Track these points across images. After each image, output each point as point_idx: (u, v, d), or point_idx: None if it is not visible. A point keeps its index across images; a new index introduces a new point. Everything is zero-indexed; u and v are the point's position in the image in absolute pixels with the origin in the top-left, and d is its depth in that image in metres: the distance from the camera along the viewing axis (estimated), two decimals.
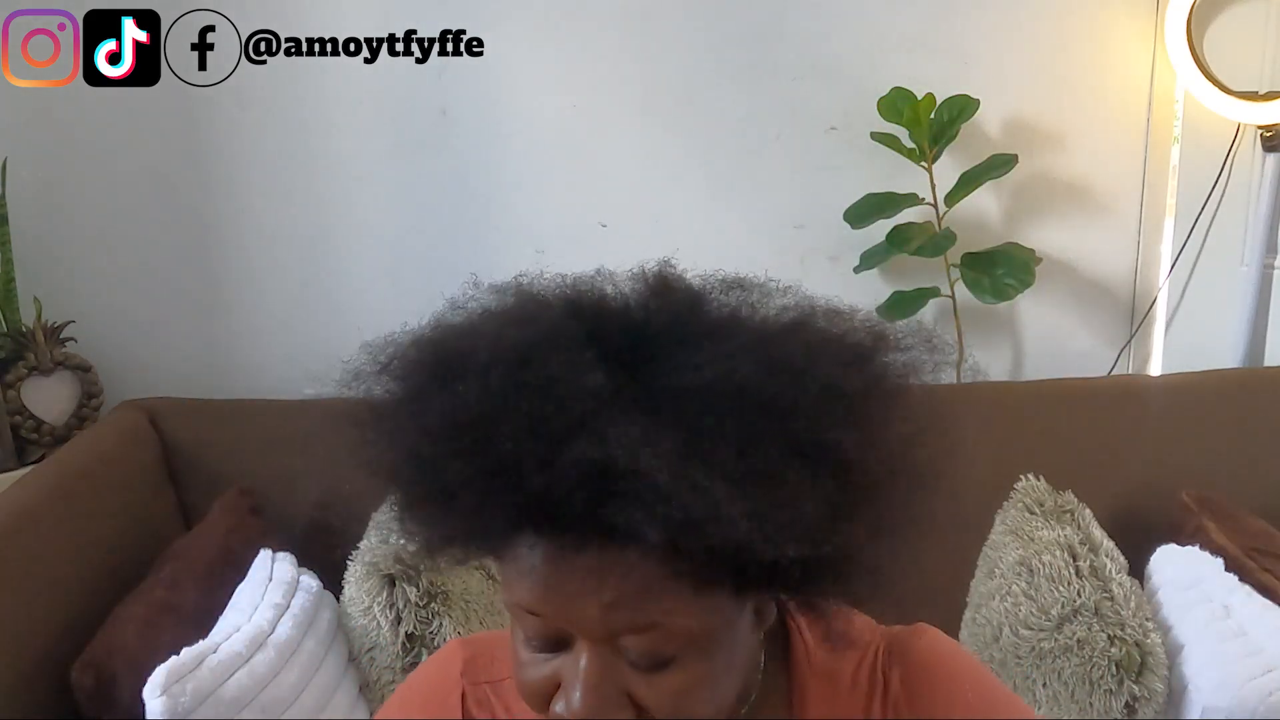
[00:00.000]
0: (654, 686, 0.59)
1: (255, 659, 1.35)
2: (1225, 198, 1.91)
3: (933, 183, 1.86)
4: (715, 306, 0.64)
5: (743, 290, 0.66)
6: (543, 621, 0.60)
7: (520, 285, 0.67)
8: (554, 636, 0.61)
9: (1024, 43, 1.92)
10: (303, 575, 1.55)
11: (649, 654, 0.59)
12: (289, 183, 1.98)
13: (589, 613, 0.58)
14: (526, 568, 0.58)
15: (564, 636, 0.60)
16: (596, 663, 0.59)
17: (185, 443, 1.83)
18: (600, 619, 0.58)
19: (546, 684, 0.62)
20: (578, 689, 0.59)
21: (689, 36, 1.93)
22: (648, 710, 0.60)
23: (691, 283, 0.67)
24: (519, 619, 0.62)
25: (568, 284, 0.67)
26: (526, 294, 0.66)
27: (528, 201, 1.99)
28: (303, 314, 2.04)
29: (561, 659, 0.61)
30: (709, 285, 0.66)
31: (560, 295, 0.66)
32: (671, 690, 0.59)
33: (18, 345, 1.88)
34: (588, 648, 0.59)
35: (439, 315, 0.67)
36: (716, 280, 0.67)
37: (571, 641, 0.60)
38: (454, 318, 0.66)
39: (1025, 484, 1.66)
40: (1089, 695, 1.42)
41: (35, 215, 1.94)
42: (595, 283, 0.67)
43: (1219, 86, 1.80)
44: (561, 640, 0.61)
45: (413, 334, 0.65)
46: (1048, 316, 2.03)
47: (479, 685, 0.76)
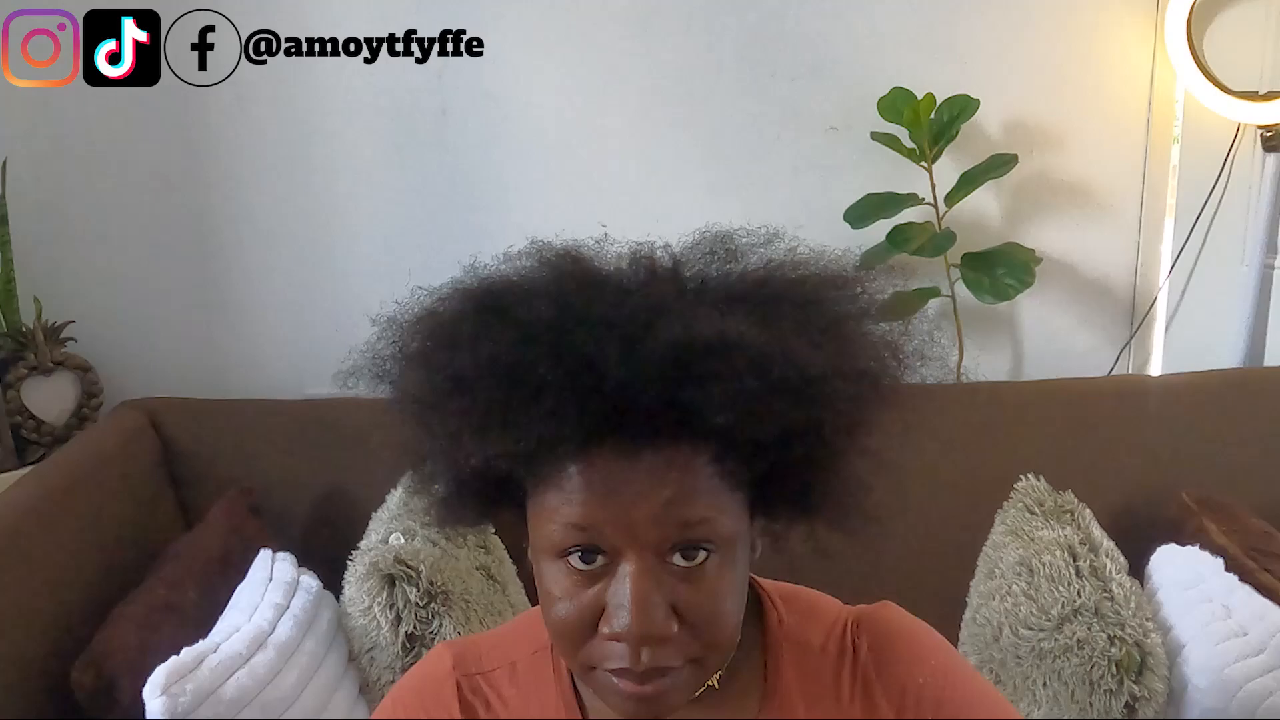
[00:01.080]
0: (694, 593, 0.64)
1: (255, 659, 1.35)
2: (1225, 198, 1.91)
3: (933, 183, 1.86)
4: (723, 253, 0.72)
5: (731, 241, 0.73)
6: (590, 537, 0.63)
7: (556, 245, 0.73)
8: (600, 555, 0.64)
9: (1024, 43, 1.92)
10: (303, 575, 1.55)
11: (694, 548, 0.64)
12: (289, 183, 1.99)
13: (651, 511, 0.62)
14: (581, 483, 0.62)
15: (609, 555, 0.64)
16: (645, 576, 0.63)
17: (185, 443, 1.84)
18: (661, 516, 0.62)
19: (589, 612, 0.64)
20: (627, 604, 0.62)
21: (689, 36, 1.93)
22: (686, 616, 0.64)
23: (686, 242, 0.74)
24: (561, 543, 0.64)
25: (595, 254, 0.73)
26: (565, 254, 0.72)
27: (527, 201, 1.99)
28: (303, 314, 2.04)
29: (601, 584, 0.64)
30: (699, 239, 0.74)
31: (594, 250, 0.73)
32: (708, 594, 0.64)
33: (18, 345, 1.88)
34: (635, 562, 0.63)
35: (470, 272, 0.71)
36: (708, 235, 0.74)
37: (615, 561, 0.64)
38: (491, 271, 0.71)
39: (1025, 484, 1.66)
40: (1089, 695, 1.42)
41: (35, 215, 1.94)
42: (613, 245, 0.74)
43: (1219, 86, 1.80)
44: (604, 562, 0.64)
45: (453, 284, 0.70)
46: (1048, 316, 2.03)
47: (471, 676, 0.78)
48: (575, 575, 0.65)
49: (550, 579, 0.66)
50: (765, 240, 0.72)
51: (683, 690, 0.66)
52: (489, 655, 0.80)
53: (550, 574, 0.66)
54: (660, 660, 0.63)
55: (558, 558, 0.65)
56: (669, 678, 0.64)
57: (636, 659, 0.63)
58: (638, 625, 0.62)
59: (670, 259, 0.70)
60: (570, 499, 0.63)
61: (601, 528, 0.63)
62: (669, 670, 0.64)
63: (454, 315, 0.66)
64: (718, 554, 0.65)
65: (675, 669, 0.64)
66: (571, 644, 0.66)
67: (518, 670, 0.78)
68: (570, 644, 0.66)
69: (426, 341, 0.67)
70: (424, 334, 0.68)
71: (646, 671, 0.64)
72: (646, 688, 0.64)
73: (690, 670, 0.65)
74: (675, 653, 0.64)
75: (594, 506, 0.62)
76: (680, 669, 0.65)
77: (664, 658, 0.64)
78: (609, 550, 0.64)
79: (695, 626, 0.64)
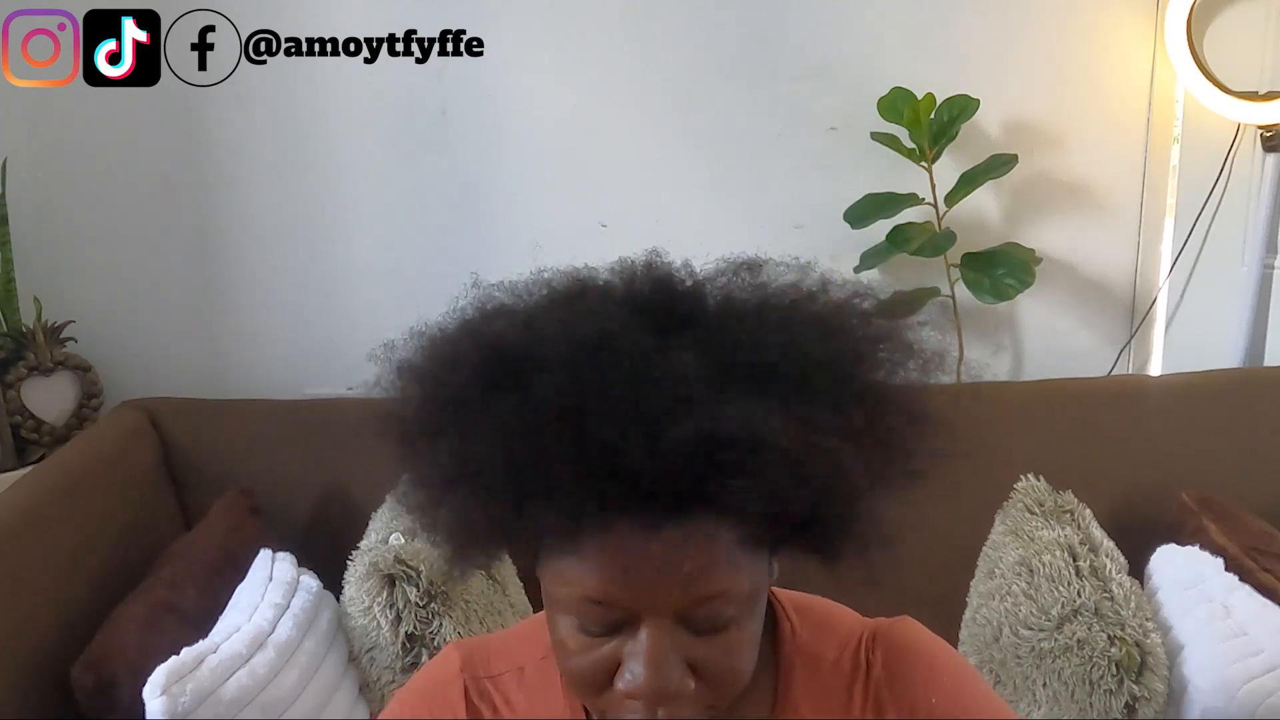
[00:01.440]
0: (711, 650, 0.63)
1: (255, 659, 1.35)
2: (1225, 198, 1.91)
3: (933, 183, 1.86)
4: (740, 284, 0.69)
5: (752, 271, 0.70)
6: (607, 610, 0.62)
7: (573, 274, 0.70)
8: (616, 620, 0.62)
9: (1024, 43, 1.92)
10: (303, 575, 1.55)
11: (712, 619, 0.62)
12: (289, 183, 1.98)
13: (668, 589, 0.60)
14: (599, 558, 0.60)
15: (626, 618, 0.62)
16: (662, 637, 0.61)
17: (185, 443, 1.83)
18: (679, 593, 0.60)
19: (604, 666, 0.63)
20: (643, 664, 0.61)
21: (689, 37, 1.93)
22: (704, 674, 0.63)
23: (710, 268, 0.70)
24: (576, 609, 0.63)
25: (615, 276, 0.70)
26: (579, 282, 0.69)
27: (527, 201, 1.99)
28: (303, 314, 2.04)
29: (619, 640, 0.63)
30: (722, 268, 0.70)
31: (615, 280, 0.69)
32: (725, 650, 0.63)
33: (18, 345, 1.88)
34: (652, 623, 0.61)
35: (478, 306, 0.68)
36: (728, 263, 0.71)
37: (633, 621, 0.62)
38: (500, 310, 0.68)
39: (1025, 484, 1.66)
40: (1089, 695, 1.42)
41: (35, 215, 1.94)
42: (632, 269, 0.70)
43: (1219, 86, 1.80)
44: (622, 622, 0.62)
45: (461, 327, 0.67)
46: (1048, 316, 2.03)
47: (479, 679, 0.78)
48: (591, 631, 0.63)
49: (564, 631, 0.64)
50: (796, 272, 0.69)
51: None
52: (497, 659, 0.79)
53: (564, 626, 0.64)
54: (676, 714, 0.63)
55: (574, 624, 0.64)
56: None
57: (653, 714, 0.62)
58: (654, 685, 0.61)
59: (691, 306, 0.66)
60: (587, 570, 0.61)
61: (619, 600, 0.61)
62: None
63: (463, 390, 0.62)
64: (737, 618, 0.63)
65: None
66: (586, 694, 0.65)
67: (525, 675, 0.77)
68: (584, 694, 0.65)
69: (435, 418, 0.64)
70: (432, 408, 0.64)
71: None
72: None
73: (706, 716, 0.65)
74: (691, 707, 0.63)
75: (611, 581, 0.60)
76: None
77: (680, 712, 0.63)
78: (625, 614, 0.62)
79: (712, 682, 0.63)
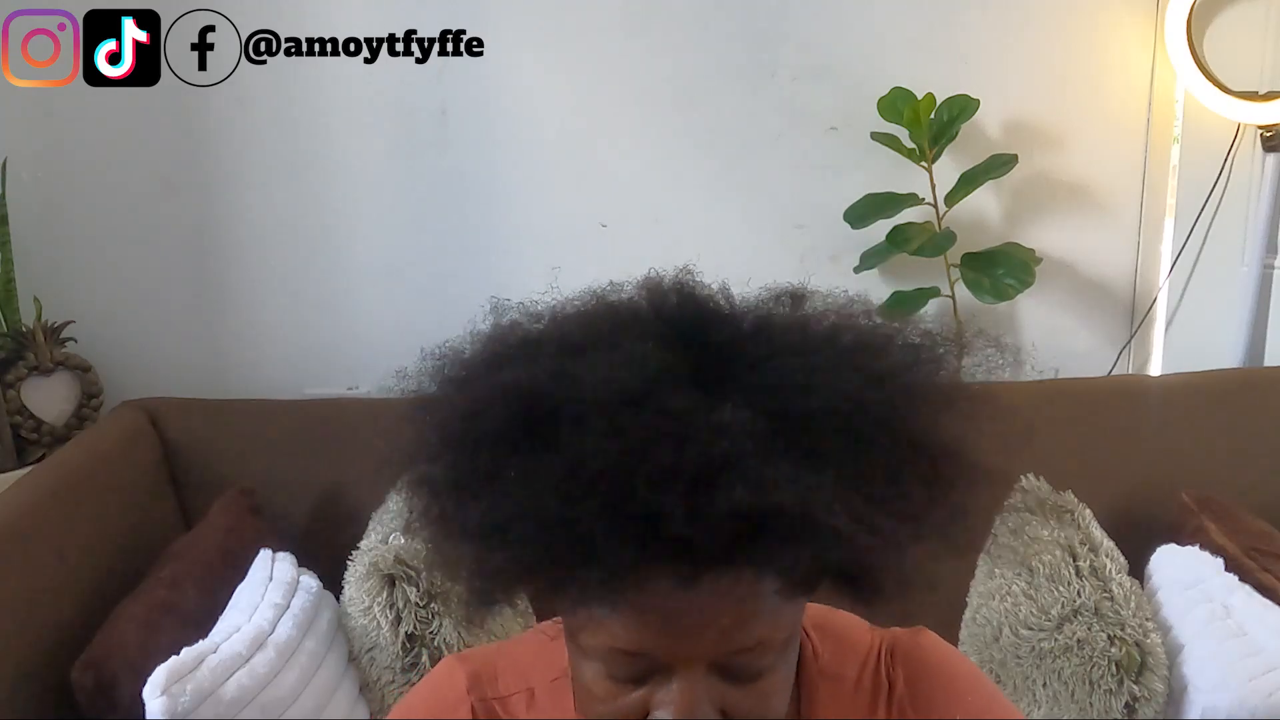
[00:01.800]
0: (746, 697, 0.61)
1: (255, 659, 1.35)
2: (1225, 198, 1.91)
3: (933, 183, 1.86)
4: (781, 318, 0.65)
5: (795, 301, 0.67)
6: (638, 661, 0.59)
7: (599, 298, 0.67)
8: (647, 669, 0.60)
9: (1024, 43, 1.92)
10: (303, 575, 1.55)
11: (748, 668, 0.60)
12: (289, 183, 1.98)
13: (704, 641, 0.58)
14: (633, 610, 0.57)
15: (658, 667, 0.60)
16: (695, 687, 0.59)
17: (185, 443, 1.83)
18: (715, 644, 0.58)
19: (632, 715, 0.61)
20: (675, 715, 0.59)
21: (689, 37, 1.92)
22: (734, 715, 0.61)
23: (750, 296, 0.67)
24: (605, 658, 0.60)
25: (645, 302, 0.66)
26: (609, 309, 0.65)
27: (528, 202, 1.99)
28: (303, 314, 2.04)
29: (648, 688, 0.60)
30: (763, 296, 0.67)
31: (644, 306, 0.65)
32: (759, 695, 0.61)
33: (18, 345, 1.88)
34: (685, 673, 0.59)
35: (500, 338, 0.65)
36: (768, 291, 0.68)
37: (665, 670, 0.60)
38: (526, 344, 0.64)
39: (1025, 484, 1.66)
40: (1089, 695, 1.42)
41: (35, 215, 1.94)
42: (661, 292, 0.66)
43: (1219, 86, 1.80)
44: (653, 670, 0.60)
45: (487, 370, 0.63)
46: (1048, 316, 2.03)
47: (487, 701, 0.75)
48: (619, 678, 0.61)
49: (590, 676, 0.62)
50: (842, 304, 0.66)
51: None
52: (505, 678, 0.76)
53: (590, 672, 0.62)
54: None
55: (602, 670, 0.61)
56: None
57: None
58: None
59: (729, 342, 0.62)
60: (620, 622, 0.58)
61: (653, 651, 0.59)
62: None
63: (494, 446, 0.58)
64: (772, 665, 0.62)
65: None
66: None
67: (535, 698, 0.75)
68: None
69: (464, 475, 0.60)
70: (461, 465, 0.60)
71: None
72: None
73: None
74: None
75: (646, 632, 0.58)
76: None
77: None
78: (655, 664, 0.60)
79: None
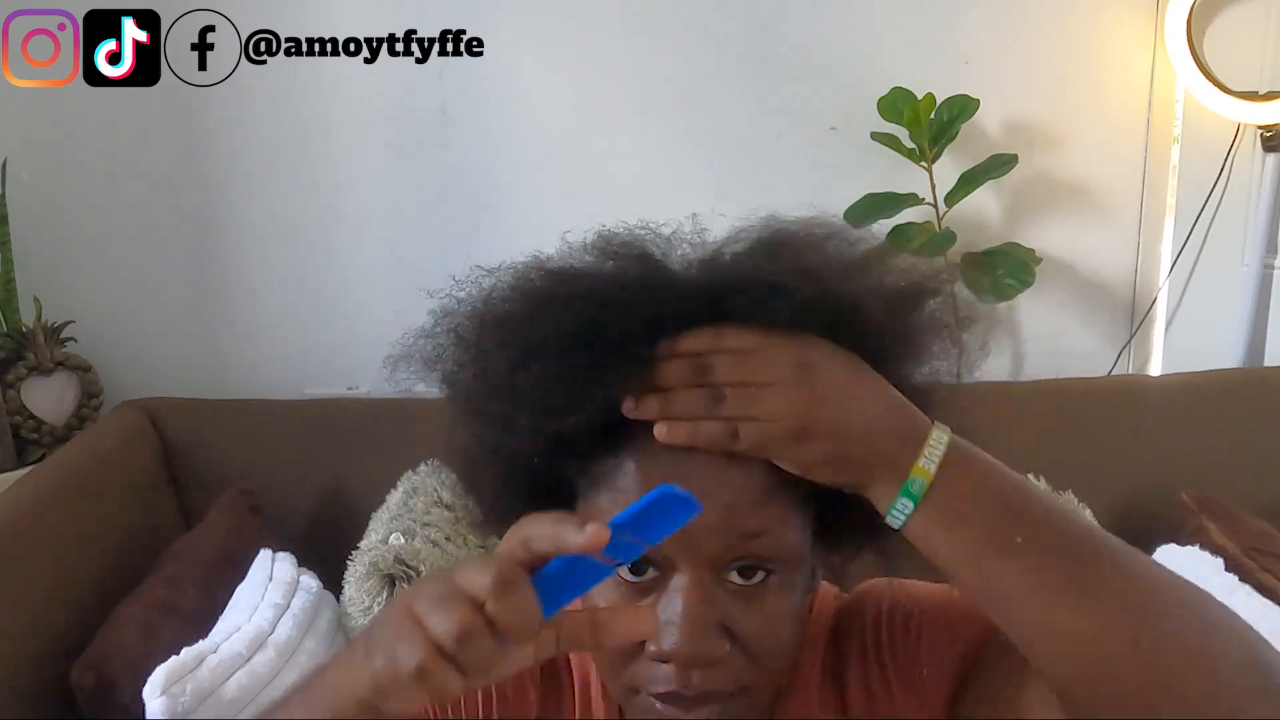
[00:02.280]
0: (748, 611, 0.61)
1: (255, 659, 1.35)
2: (1225, 198, 1.91)
3: (933, 183, 1.86)
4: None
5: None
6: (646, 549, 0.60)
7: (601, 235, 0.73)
8: (650, 565, 0.61)
9: (1024, 43, 1.92)
10: (303, 575, 1.55)
11: (752, 566, 0.61)
12: (289, 183, 1.98)
13: (710, 517, 0.58)
14: (638, 479, 0.60)
15: (661, 568, 0.61)
16: (699, 591, 0.60)
17: (185, 443, 1.83)
18: (720, 524, 0.59)
19: None
20: (677, 621, 0.59)
21: (689, 37, 1.92)
22: (740, 637, 0.61)
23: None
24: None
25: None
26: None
27: (527, 201, 1.99)
28: (303, 314, 2.04)
29: (650, 599, 0.61)
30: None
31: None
32: (765, 614, 0.61)
33: (18, 345, 1.88)
34: (688, 576, 0.60)
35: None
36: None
37: (667, 575, 0.61)
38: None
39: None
40: None
41: (35, 215, 1.94)
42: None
43: (1219, 86, 1.80)
44: (655, 575, 0.61)
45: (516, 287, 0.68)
46: (1048, 316, 2.03)
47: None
48: (623, 588, 0.61)
49: (596, 593, 0.62)
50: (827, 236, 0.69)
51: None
52: None
53: (598, 589, 0.61)
54: (710, 684, 0.60)
55: None
56: (717, 706, 0.61)
57: (686, 681, 0.59)
58: (688, 644, 0.59)
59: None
60: (624, 498, 0.60)
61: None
62: (718, 697, 0.61)
63: (521, 290, 0.65)
64: (778, 575, 0.62)
65: (725, 696, 0.61)
66: (615, 665, 0.63)
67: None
68: (614, 665, 0.63)
69: (494, 317, 0.65)
70: (489, 314, 0.66)
71: (696, 697, 0.60)
72: (695, 714, 0.60)
73: (740, 702, 0.62)
74: (726, 677, 0.60)
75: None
76: (730, 698, 0.61)
77: (714, 681, 0.60)
78: (661, 562, 0.61)
79: (748, 649, 0.61)
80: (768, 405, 0.59)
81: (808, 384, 0.59)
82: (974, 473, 0.61)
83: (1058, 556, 0.59)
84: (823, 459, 0.59)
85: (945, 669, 0.68)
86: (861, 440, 0.60)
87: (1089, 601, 0.57)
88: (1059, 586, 0.58)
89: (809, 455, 0.59)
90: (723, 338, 0.60)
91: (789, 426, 0.58)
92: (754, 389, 0.59)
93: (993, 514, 0.60)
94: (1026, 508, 0.60)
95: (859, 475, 0.60)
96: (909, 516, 0.59)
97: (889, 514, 0.60)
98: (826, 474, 0.60)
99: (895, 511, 0.60)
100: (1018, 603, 0.59)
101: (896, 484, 0.59)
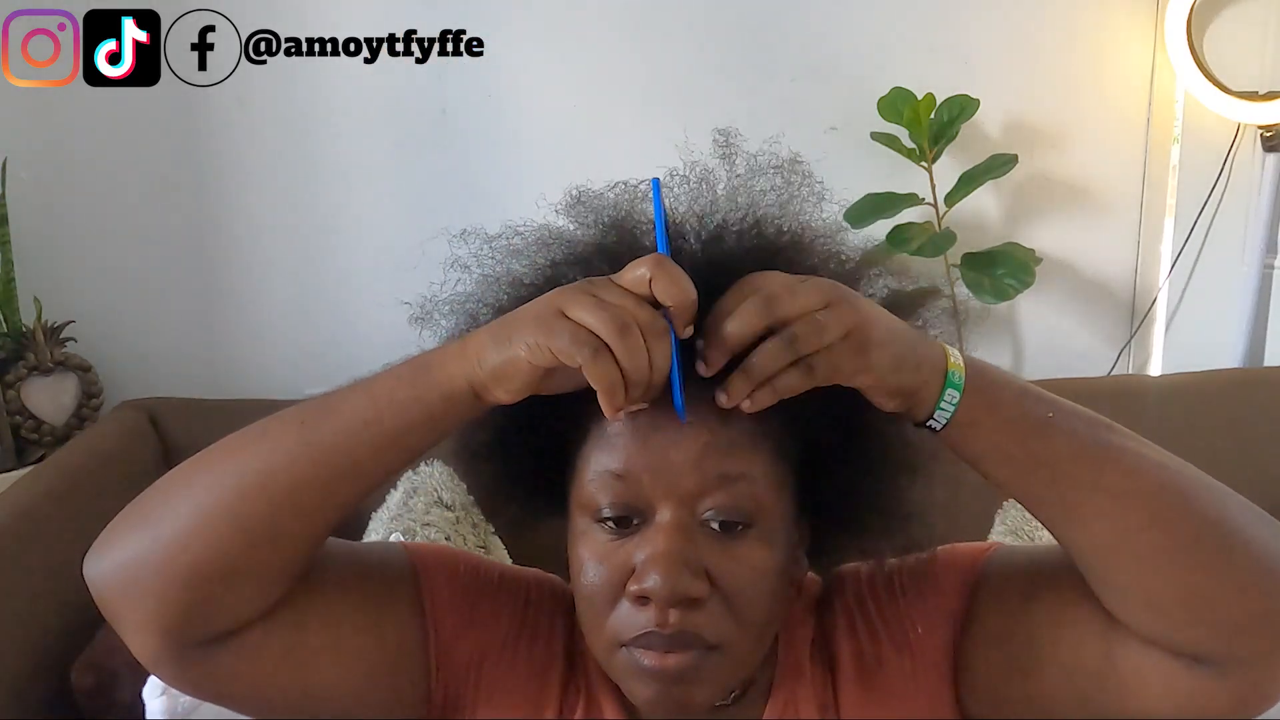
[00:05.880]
0: (729, 558, 0.63)
1: None
2: (1225, 198, 1.91)
3: (933, 183, 1.86)
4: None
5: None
6: (627, 487, 0.63)
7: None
8: (633, 510, 0.63)
9: (1024, 43, 1.92)
10: None
11: (732, 510, 0.63)
12: (289, 183, 1.98)
13: (688, 455, 0.62)
14: (624, 428, 0.63)
15: (643, 511, 0.63)
16: (678, 530, 0.62)
17: (185, 443, 1.83)
18: (698, 462, 0.62)
19: (617, 573, 0.63)
20: (656, 560, 0.61)
21: (689, 37, 1.92)
22: (719, 583, 0.63)
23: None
24: (598, 493, 0.64)
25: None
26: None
27: (528, 202, 1.98)
28: (303, 314, 2.04)
29: (633, 543, 0.63)
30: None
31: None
32: (744, 564, 0.63)
33: (18, 345, 1.88)
34: (668, 516, 0.62)
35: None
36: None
37: (649, 517, 0.63)
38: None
39: None
40: None
41: (35, 215, 1.93)
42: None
43: (1219, 86, 1.80)
44: (638, 524, 0.63)
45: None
46: (1048, 316, 2.03)
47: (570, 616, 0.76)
48: (608, 536, 0.64)
49: (584, 545, 0.65)
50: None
51: (708, 683, 0.63)
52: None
53: (585, 541, 0.65)
54: (688, 625, 0.61)
55: (594, 521, 0.64)
56: (694, 653, 0.62)
57: (663, 620, 0.61)
58: (667, 580, 0.60)
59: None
60: (610, 445, 0.64)
61: (639, 475, 0.63)
62: (695, 642, 0.62)
63: (534, 261, 0.77)
64: (757, 528, 0.64)
65: (702, 645, 0.62)
66: (598, 613, 0.64)
67: None
68: (597, 613, 0.64)
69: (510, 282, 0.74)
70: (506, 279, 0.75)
71: (673, 638, 0.61)
72: (671, 659, 0.62)
73: (716, 658, 0.63)
74: (705, 622, 0.62)
75: (633, 452, 0.63)
76: (708, 651, 0.62)
77: (692, 623, 0.61)
78: (644, 508, 0.63)
79: (729, 598, 0.62)
80: (833, 328, 0.60)
81: (848, 300, 0.61)
82: (990, 367, 0.66)
83: (1086, 424, 0.66)
84: (890, 363, 0.61)
85: (938, 623, 0.71)
86: (907, 342, 0.62)
87: (1129, 456, 0.65)
88: (1101, 443, 0.65)
89: (878, 361, 0.61)
90: (764, 280, 0.62)
91: (853, 343, 0.60)
92: (817, 317, 0.59)
93: (1020, 396, 0.66)
94: (1041, 392, 0.67)
95: (913, 376, 0.62)
96: (955, 407, 0.62)
97: (938, 409, 0.63)
98: (892, 380, 0.61)
99: (944, 404, 0.63)
100: (1064, 469, 0.63)
101: (938, 381, 0.63)
